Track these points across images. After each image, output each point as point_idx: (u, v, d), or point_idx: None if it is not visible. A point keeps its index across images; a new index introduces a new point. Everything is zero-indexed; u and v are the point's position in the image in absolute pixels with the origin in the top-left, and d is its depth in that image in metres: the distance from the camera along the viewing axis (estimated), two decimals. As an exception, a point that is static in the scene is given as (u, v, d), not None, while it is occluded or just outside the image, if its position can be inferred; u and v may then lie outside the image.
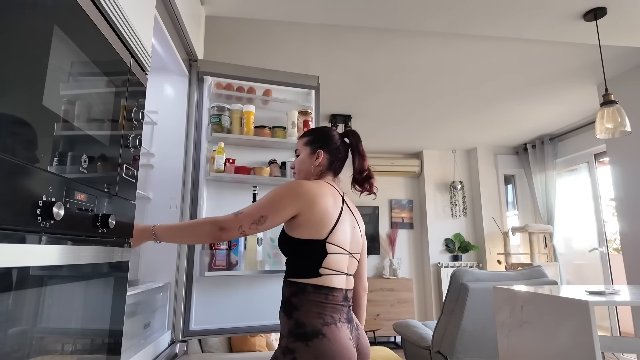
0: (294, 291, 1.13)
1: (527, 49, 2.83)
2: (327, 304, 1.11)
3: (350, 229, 1.26)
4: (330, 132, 1.37)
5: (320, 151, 1.33)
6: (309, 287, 1.12)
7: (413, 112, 4.07)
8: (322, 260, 1.14)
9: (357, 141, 1.35)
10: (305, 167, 1.34)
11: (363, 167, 1.34)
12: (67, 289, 0.71)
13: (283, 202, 1.16)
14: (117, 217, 0.86)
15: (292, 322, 1.10)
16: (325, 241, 1.15)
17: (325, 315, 1.10)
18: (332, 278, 1.14)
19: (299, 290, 1.13)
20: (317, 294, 1.12)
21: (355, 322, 1.23)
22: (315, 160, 1.32)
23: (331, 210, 1.19)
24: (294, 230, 1.17)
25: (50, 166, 0.65)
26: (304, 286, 1.13)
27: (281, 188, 1.19)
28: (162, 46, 1.59)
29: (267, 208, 1.15)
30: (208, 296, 1.75)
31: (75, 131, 0.73)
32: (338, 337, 1.07)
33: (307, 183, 1.21)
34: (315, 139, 1.35)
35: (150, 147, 1.78)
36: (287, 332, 1.10)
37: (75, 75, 0.73)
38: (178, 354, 1.69)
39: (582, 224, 4.44)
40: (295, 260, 1.17)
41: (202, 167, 1.82)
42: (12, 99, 0.56)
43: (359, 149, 1.35)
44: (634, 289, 1.98)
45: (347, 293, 1.19)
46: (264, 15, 2.29)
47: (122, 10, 0.91)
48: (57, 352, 0.68)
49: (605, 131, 2.32)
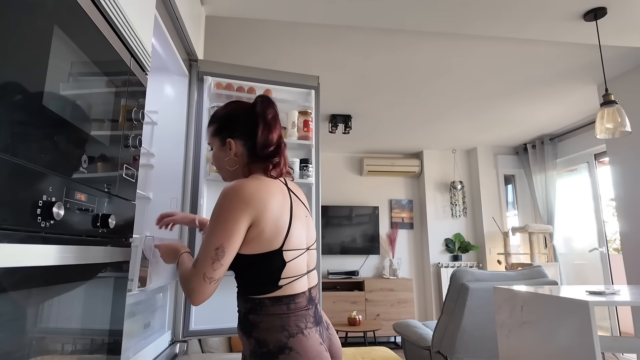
0: (251, 307, 0.99)
1: (527, 49, 2.83)
2: (289, 314, 0.99)
3: (304, 223, 1.09)
4: (236, 109, 1.14)
5: (230, 140, 1.10)
6: (267, 301, 0.99)
7: (413, 112, 4.07)
8: (281, 271, 0.99)
9: (266, 107, 1.09)
10: (221, 163, 1.13)
11: (268, 140, 1.07)
12: (67, 289, 0.71)
13: (232, 216, 0.95)
14: (117, 217, 0.86)
15: (253, 341, 0.97)
16: (281, 250, 0.99)
17: (290, 326, 0.97)
18: (292, 285, 1.01)
19: (256, 305, 0.99)
20: (278, 306, 0.98)
21: (325, 321, 1.11)
22: (229, 151, 1.10)
23: (283, 211, 1.02)
24: (244, 246, 0.98)
25: (50, 166, 0.65)
26: (261, 301, 0.99)
27: (220, 200, 0.98)
28: (162, 46, 1.59)
29: (219, 237, 0.95)
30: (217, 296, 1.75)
31: (75, 131, 0.73)
32: (307, 346, 0.96)
33: (246, 182, 1.00)
34: (221, 125, 1.12)
35: (150, 147, 1.78)
36: (249, 354, 0.98)
37: (75, 75, 0.73)
38: (178, 354, 1.69)
39: (582, 224, 4.44)
40: (249, 277, 1.01)
41: (202, 167, 1.82)
42: (12, 99, 0.56)
43: (265, 117, 1.08)
44: (634, 289, 1.98)
45: (311, 292, 1.06)
46: (264, 15, 2.29)
47: (122, 10, 0.91)
48: (57, 352, 0.68)
49: (605, 131, 2.32)
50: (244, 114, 1.11)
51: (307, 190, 1.97)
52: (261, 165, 1.08)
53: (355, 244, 5.33)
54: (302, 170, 1.93)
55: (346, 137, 4.71)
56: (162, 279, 1.35)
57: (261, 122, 1.08)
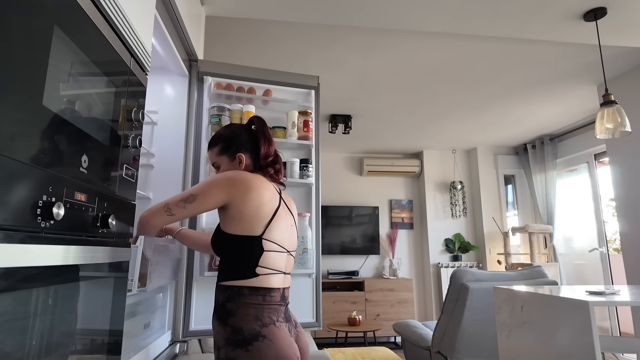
0: (229, 295, 1.08)
1: (527, 49, 2.83)
2: (264, 305, 1.07)
3: (288, 227, 1.22)
4: (236, 129, 1.31)
5: (240, 154, 1.26)
6: (245, 290, 1.08)
7: (413, 112, 4.07)
8: (259, 258, 1.10)
9: (262, 125, 1.30)
10: None
11: (269, 152, 1.27)
12: (67, 289, 0.71)
13: (215, 186, 1.12)
14: (117, 217, 0.86)
15: (229, 329, 1.04)
16: (261, 237, 1.11)
17: (263, 317, 1.06)
18: (269, 278, 1.11)
19: (234, 294, 1.08)
20: (254, 296, 1.07)
21: (294, 320, 1.21)
22: (239, 165, 1.25)
23: (267, 204, 1.15)
24: (227, 224, 1.13)
25: (50, 166, 0.65)
26: (240, 289, 1.08)
27: (218, 174, 1.18)
28: (162, 46, 1.59)
29: (198, 189, 1.13)
30: (208, 296, 1.75)
31: (75, 131, 0.73)
32: (279, 335, 1.05)
33: (244, 173, 1.18)
34: (228, 144, 1.28)
35: (150, 147, 1.78)
36: (224, 342, 1.04)
37: (75, 76, 0.73)
38: (178, 354, 1.69)
39: (582, 224, 4.44)
40: (230, 261, 1.12)
41: (202, 167, 1.82)
42: (12, 99, 0.56)
43: (264, 132, 1.28)
44: (634, 289, 1.98)
45: (285, 292, 1.17)
46: (264, 15, 2.29)
47: (122, 11, 0.91)
48: (57, 352, 0.68)
49: (605, 131, 2.32)
50: (245, 132, 1.29)
51: (307, 190, 1.97)
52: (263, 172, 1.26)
53: (355, 244, 5.33)
54: (302, 170, 1.93)
55: (346, 137, 4.71)
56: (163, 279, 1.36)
57: (262, 137, 1.27)
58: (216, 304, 1.11)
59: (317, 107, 2.06)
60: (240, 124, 1.35)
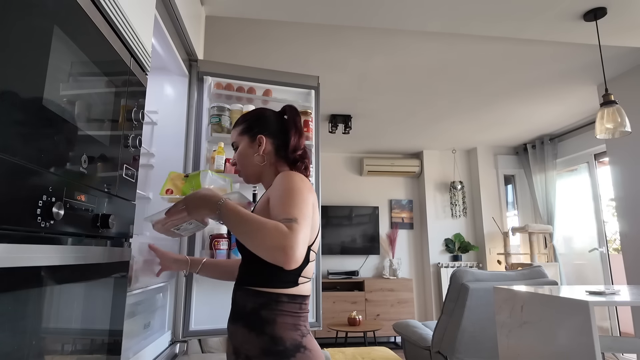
0: (264, 302, 0.99)
1: (527, 49, 2.83)
2: (300, 313, 1.01)
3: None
4: (266, 111, 1.22)
5: (261, 136, 1.14)
6: (284, 298, 0.99)
7: (413, 112, 4.07)
8: (304, 268, 1.02)
9: (295, 114, 1.19)
10: (248, 160, 1.15)
11: (299, 144, 1.16)
12: (67, 289, 0.71)
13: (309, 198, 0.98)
14: (117, 217, 0.86)
15: (266, 338, 0.96)
16: (310, 248, 1.03)
17: (300, 326, 1.00)
18: (306, 286, 1.04)
19: (271, 301, 0.99)
20: (292, 304, 1.00)
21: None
22: (258, 147, 1.14)
23: (317, 210, 1.07)
24: None
25: (50, 166, 0.65)
26: (278, 296, 0.99)
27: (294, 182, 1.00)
28: (162, 46, 1.59)
29: (297, 211, 0.93)
30: (208, 296, 1.75)
31: (75, 131, 0.73)
32: (316, 346, 1.00)
33: (301, 175, 1.06)
34: (251, 124, 1.17)
35: (150, 147, 1.78)
36: (259, 352, 0.95)
37: (75, 76, 0.73)
38: (178, 354, 1.69)
39: (582, 224, 4.44)
40: (272, 268, 0.96)
41: (202, 167, 1.82)
42: (12, 99, 0.56)
43: (296, 124, 1.17)
44: (634, 289, 1.98)
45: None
46: (264, 15, 2.29)
47: (122, 11, 0.91)
48: (57, 352, 0.68)
49: (605, 131, 2.32)
50: (274, 116, 1.19)
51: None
52: (288, 165, 1.14)
53: (355, 244, 5.33)
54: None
55: (346, 137, 4.71)
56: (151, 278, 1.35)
57: (293, 127, 1.16)
58: (243, 310, 1.02)
59: (317, 107, 2.06)
60: (272, 110, 1.24)
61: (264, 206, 1.04)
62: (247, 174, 1.17)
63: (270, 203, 1.00)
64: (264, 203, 1.05)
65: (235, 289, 1.09)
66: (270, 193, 1.04)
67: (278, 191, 1.00)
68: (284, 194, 0.98)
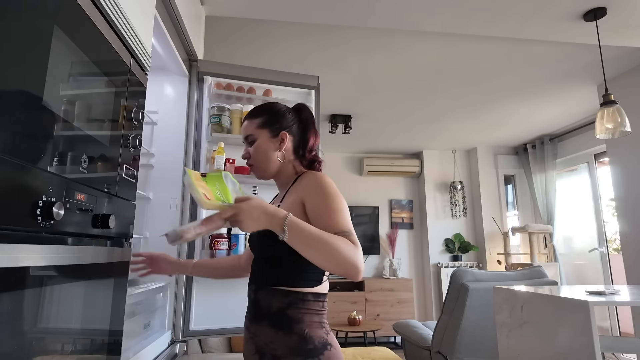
0: (291, 301, 0.98)
1: (527, 49, 2.83)
2: (323, 311, 1.02)
3: None
4: (281, 106, 1.17)
5: (285, 133, 1.11)
6: (310, 296, 0.99)
7: (413, 112, 4.07)
8: None
9: (311, 115, 1.18)
10: (268, 155, 1.10)
11: (315, 145, 1.15)
12: (67, 289, 0.71)
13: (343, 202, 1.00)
14: (117, 217, 0.86)
15: (295, 337, 0.95)
16: None
17: (324, 324, 1.01)
18: (326, 284, 1.05)
19: (297, 300, 0.98)
20: (317, 302, 1.00)
21: None
22: (280, 144, 1.10)
23: None
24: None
25: (50, 166, 0.65)
26: (304, 295, 0.99)
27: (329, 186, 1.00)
28: (162, 46, 1.59)
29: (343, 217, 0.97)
30: (208, 296, 1.75)
31: (75, 131, 0.73)
32: (337, 343, 1.02)
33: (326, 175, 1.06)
34: (271, 118, 1.12)
35: (150, 147, 1.78)
36: (288, 351, 0.95)
37: (75, 76, 0.73)
38: (178, 354, 1.69)
39: (582, 224, 4.44)
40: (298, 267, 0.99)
41: (202, 167, 1.82)
42: (12, 99, 0.56)
43: (313, 124, 1.16)
44: (634, 289, 1.98)
45: None
46: (264, 15, 2.29)
47: (122, 10, 0.91)
48: (57, 352, 0.68)
49: (605, 131, 2.32)
50: (292, 115, 1.15)
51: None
52: (303, 165, 1.13)
53: (355, 244, 5.32)
54: None
55: (346, 137, 4.71)
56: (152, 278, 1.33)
57: (312, 127, 1.16)
58: (268, 310, 1.00)
59: (317, 107, 2.05)
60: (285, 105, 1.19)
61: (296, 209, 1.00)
62: (265, 169, 1.12)
63: (312, 209, 0.98)
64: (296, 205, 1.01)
65: (254, 289, 1.05)
66: (306, 198, 1.01)
67: (319, 198, 0.99)
68: (328, 201, 0.98)
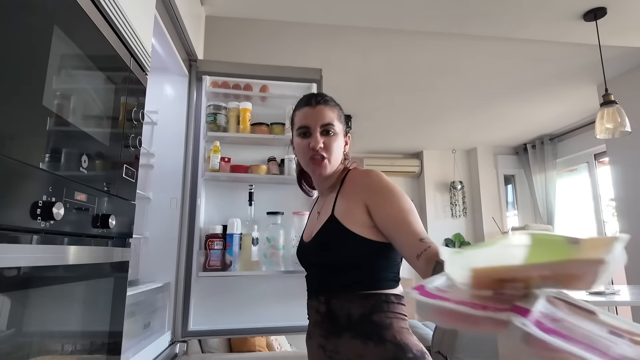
0: (375, 305, 0.87)
1: (527, 49, 2.83)
2: (406, 315, 0.91)
3: None
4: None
5: (349, 136, 1.09)
6: (393, 298, 0.89)
7: (413, 112, 4.07)
8: (400, 264, 0.94)
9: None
10: (340, 152, 1.03)
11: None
12: (67, 289, 0.71)
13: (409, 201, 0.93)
14: (117, 217, 0.86)
15: (390, 347, 0.83)
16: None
17: (410, 329, 0.89)
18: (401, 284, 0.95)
19: (381, 302, 0.87)
20: (400, 305, 0.89)
21: None
22: (345, 147, 1.06)
23: None
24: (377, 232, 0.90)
25: (50, 166, 0.65)
26: (387, 297, 0.89)
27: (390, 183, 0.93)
28: (162, 46, 1.59)
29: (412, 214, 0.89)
30: (206, 296, 1.75)
31: (75, 131, 0.73)
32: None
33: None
34: (343, 114, 1.07)
35: (150, 147, 1.78)
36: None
37: (75, 75, 0.73)
38: (178, 354, 1.69)
39: (582, 224, 4.44)
40: (374, 268, 0.90)
41: (201, 167, 1.82)
42: (12, 99, 0.56)
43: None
44: (634, 289, 1.98)
45: None
46: (264, 15, 2.29)
47: (122, 11, 0.91)
48: (57, 352, 0.68)
49: (605, 131, 2.32)
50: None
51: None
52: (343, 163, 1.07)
53: (355, 244, 5.32)
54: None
55: (346, 137, 4.70)
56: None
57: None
58: (348, 319, 0.87)
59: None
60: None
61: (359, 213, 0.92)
62: (332, 166, 1.02)
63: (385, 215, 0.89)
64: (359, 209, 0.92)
65: (325, 299, 0.93)
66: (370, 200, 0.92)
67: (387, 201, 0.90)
68: (400, 204, 0.89)
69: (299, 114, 1.04)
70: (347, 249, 0.89)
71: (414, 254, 0.83)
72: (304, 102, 1.05)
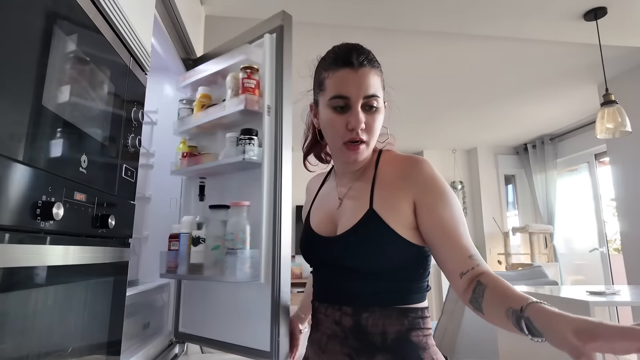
0: (412, 322, 0.76)
1: (527, 49, 2.83)
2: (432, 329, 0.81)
3: None
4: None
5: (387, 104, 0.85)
6: (426, 312, 0.78)
7: (413, 112, 4.07)
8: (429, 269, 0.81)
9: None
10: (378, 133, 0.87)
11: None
12: (66, 290, 0.71)
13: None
14: (116, 217, 0.86)
15: None
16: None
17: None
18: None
19: (417, 319, 0.76)
20: (428, 319, 0.79)
21: None
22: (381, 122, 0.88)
23: None
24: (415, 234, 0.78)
25: (49, 166, 0.64)
26: (423, 312, 0.77)
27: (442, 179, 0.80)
28: (161, 46, 1.58)
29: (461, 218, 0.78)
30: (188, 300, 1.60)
31: (75, 131, 0.73)
32: None
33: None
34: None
35: (150, 147, 1.78)
36: None
37: (75, 75, 0.73)
38: (178, 354, 1.69)
39: (583, 224, 4.44)
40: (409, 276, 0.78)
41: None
42: (12, 99, 0.55)
43: None
44: (634, 289, 1.98)
45: None
46: (264, 15, 2.28)
47: (121, 10, 0.91)
48: (56, 352, 0.68)
49: (606, 131, 2.32)
50: None
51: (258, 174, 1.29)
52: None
53: (356, 244, 5.32)
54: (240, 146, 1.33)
55: (346, 137, 4.70)
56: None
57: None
58: (383, 338, 0.75)
59: (279, 55, 1.34)
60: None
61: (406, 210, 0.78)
62: (370, 151, 0.87)
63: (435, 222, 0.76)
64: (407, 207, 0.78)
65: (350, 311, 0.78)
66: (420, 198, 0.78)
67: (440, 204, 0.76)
68: (453, 211, 0.77)
69: (335, 77, 0.82)
70: (389, 252, 0.75)
71: (457, 271, 0.72)
72: (342, 60, 0.82)
